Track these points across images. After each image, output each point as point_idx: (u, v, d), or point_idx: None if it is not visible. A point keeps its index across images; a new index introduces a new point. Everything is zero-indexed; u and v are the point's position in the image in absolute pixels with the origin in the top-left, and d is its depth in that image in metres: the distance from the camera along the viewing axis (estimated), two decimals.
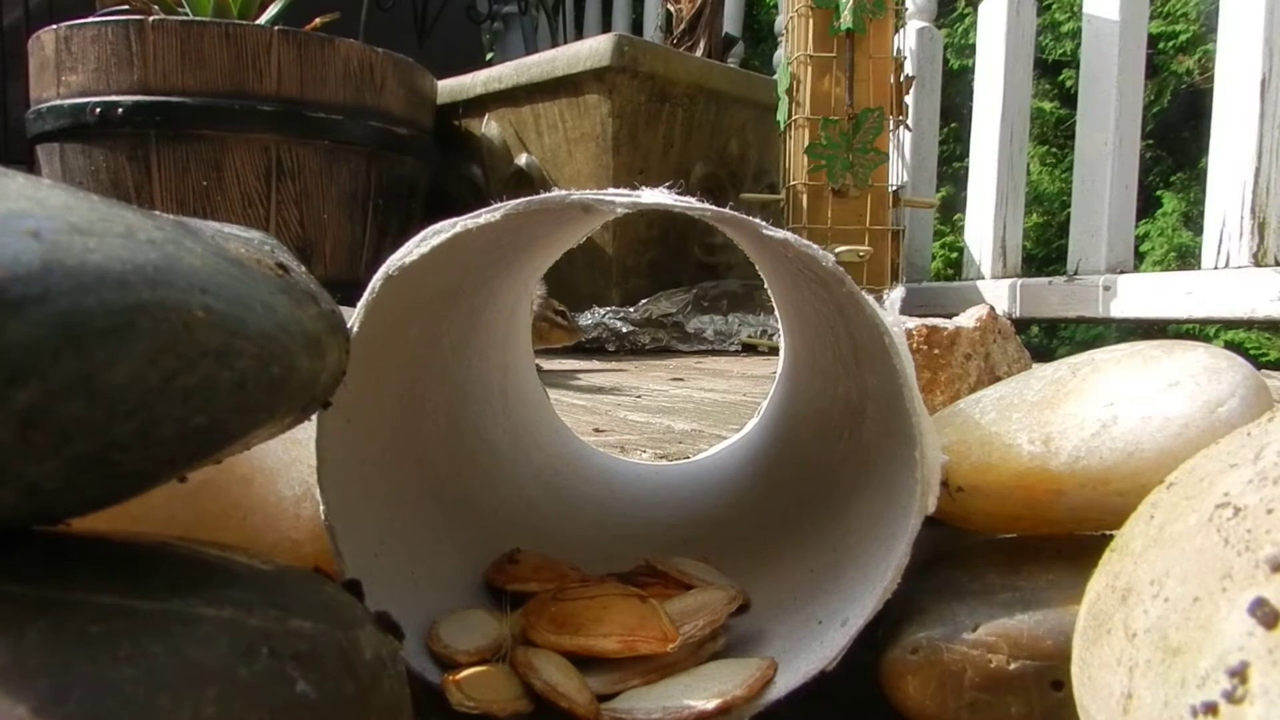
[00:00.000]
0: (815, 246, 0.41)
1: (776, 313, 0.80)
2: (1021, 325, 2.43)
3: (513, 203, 0.41)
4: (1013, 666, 0.38)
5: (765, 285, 0.78)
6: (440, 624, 0.44)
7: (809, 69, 2.04)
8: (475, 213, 0.41)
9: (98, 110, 2.22)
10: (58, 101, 2.29)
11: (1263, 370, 1.67)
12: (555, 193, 0.41)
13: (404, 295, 0.44)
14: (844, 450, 0.57)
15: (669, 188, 0.42)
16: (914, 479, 0.40)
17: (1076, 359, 0.49)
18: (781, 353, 0.82)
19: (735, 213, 0.41)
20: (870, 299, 0.41)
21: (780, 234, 0.40)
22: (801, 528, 0.56)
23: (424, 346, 0.53)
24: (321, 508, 0.42)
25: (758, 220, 0.40)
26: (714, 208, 0.42)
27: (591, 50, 2.45)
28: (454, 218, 0.41)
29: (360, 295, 0.41)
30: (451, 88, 2.86)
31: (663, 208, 0.41)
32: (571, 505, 0.67)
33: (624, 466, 0.79)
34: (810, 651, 0.41)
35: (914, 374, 0.40)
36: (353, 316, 0.40)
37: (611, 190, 0.41)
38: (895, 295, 0.46)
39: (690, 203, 0.42)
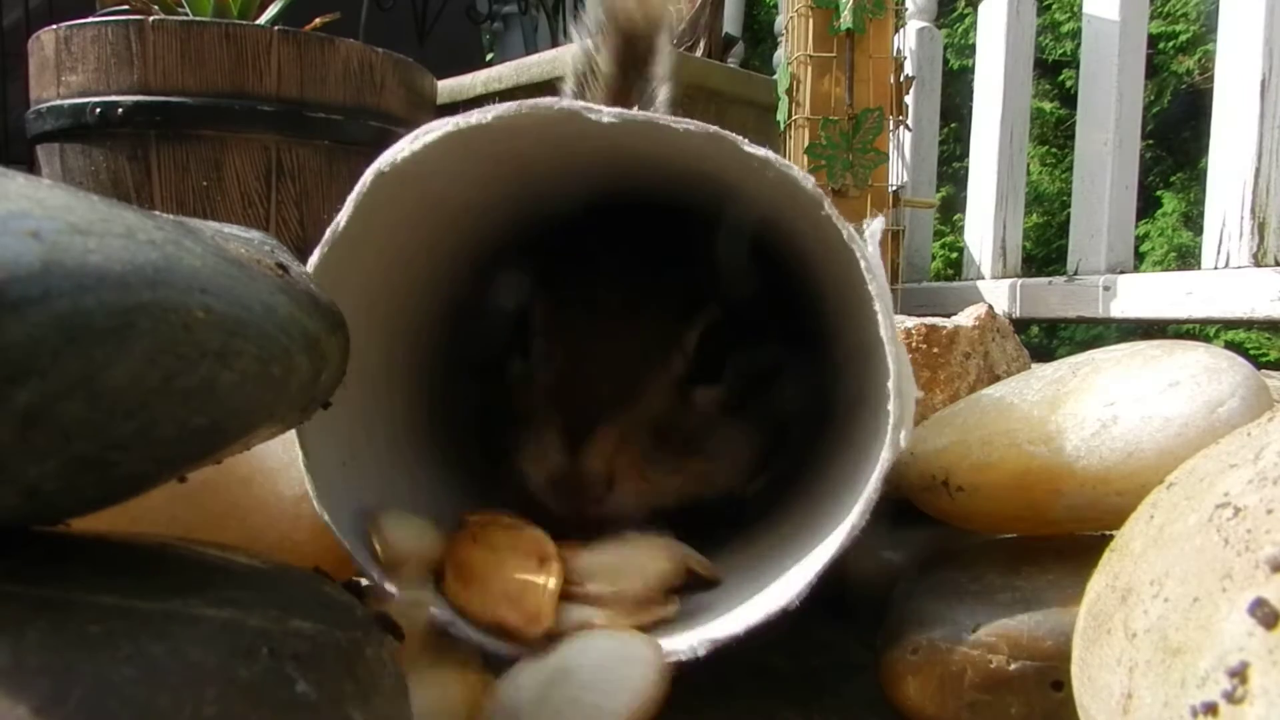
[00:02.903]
0: (795, 167, 0.41)
1: None
2: (1021, 325, 2.43)
3: (503, 106, 0.42)
4: (1013, 667, 0.38)
5: None
6: (384, 518, 0.45)
7: (809, 69, 2.04)
8: (467, 113, 0.42)
9: (98, 110, 2.22)
10: (58, 101, 2.29)
11: (1263, 370, 1.66)
12: (545, 99, 0.42)
13: (394, 199, 0.45)
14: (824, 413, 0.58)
15: None
16: (887, 413, 0.39)
17: (1076, 359, 0.49)
18: None
19: (717, 129, 0.42)
20: (847, 225, 0.41)
21: (761, 151, 0.41)
22: (778, 498, 0.57)
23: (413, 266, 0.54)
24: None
25: (737, 136, 0.41)
26: (699, 123, 0.42)
27: None
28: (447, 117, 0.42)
29: None
30: (451, 88, 2.86)
31: (649, 122, 0.42)
32: None
33: None
34: (777, 590, 0.41)
35: (890, 304, 0.41)
36: (341, 213, 0.41)
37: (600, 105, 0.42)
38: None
39: (672, 121, 0.43)
